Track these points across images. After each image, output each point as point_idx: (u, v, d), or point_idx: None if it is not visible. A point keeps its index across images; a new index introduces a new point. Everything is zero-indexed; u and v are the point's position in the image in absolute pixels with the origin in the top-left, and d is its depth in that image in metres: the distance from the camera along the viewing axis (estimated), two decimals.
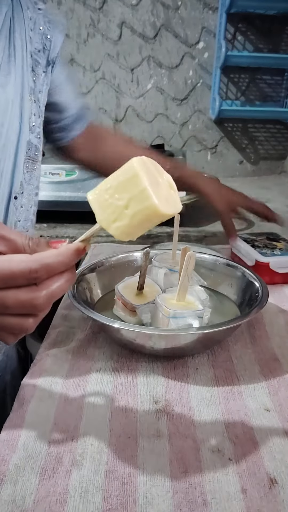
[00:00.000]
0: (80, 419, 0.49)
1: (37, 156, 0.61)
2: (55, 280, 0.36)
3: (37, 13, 0.61)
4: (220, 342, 0.62)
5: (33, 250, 0.37)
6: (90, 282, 0.70)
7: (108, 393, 0.53)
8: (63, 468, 0.42)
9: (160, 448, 0.45)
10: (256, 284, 0.67)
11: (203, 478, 0.41)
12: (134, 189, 0.36)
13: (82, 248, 0.37)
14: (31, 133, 0.59)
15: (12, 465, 0.43)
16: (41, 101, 0.62)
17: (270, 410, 0.50)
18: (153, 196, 0.36)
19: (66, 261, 0.36)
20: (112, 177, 0.38)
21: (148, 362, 0.59)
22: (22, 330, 0.37)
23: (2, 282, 0.34)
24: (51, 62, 0.63)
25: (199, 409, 0.50)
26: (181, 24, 1.53)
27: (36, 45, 0.60)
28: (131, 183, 0.36)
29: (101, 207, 0.38)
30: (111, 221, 0.37)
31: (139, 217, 0.36)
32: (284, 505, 0.39)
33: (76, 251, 0.37)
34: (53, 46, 0.63)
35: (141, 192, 0.36)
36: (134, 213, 0.36)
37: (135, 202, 0.36)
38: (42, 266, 0.35)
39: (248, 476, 0.42)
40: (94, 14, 1.51)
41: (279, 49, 1.57)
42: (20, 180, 0.59)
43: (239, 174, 1.73)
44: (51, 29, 0.62)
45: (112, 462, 0.43)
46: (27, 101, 0.58)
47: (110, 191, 0.37)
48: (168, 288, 0.66)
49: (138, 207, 0.36)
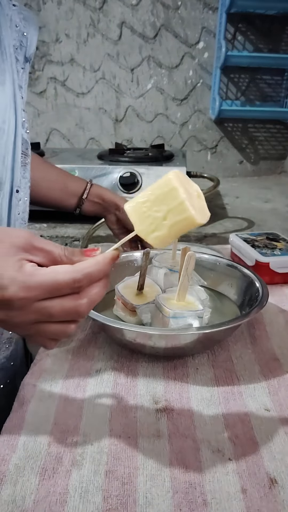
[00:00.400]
0: (80, 419, 0.49)
1: (28, 150, 0.63)
2: (94, 287, 0.39)
3: (12, 10, 0.61)
4: (220, 342, 0.62)
5: (69, 260, 0.39)
6: None
7: (108, 393, 0.53)
8: (63, 468, 0.42)
9: (160, 448, 0.45)
10: (256, 284, 0.67)
11: (203, 478, 0.41)
12: (172, 202, 0.39)
13: (116, 255, 0.40)
14: (22, 128, 0.61)
15: (12, 465, 0.43)
16: (24, 97, 0.63)
17: (270, 410, 0.50)
18: (190, 208, 0.39)
19: (104, 269, 0.39)
20: (150, 190, 0.41)
21: (148, 362, 0.59)
22: (64, 336, 0.40)
23: (49, 293, 0.37)
24: (28, 59, 0.64)
25: (199, 409, 0.50)
26: (181, 24, 1.53)
27: (13, 42, 0.60)
28: (169, 196, 0.40)
29: (139, 219, 0.41)
30: (149, 232, 0.41)
31: (177, 227, 0.40)
32: (284, 505, 0.39)
33: (112, 259, 0.39)
34: (29, 43, 0.63)
35: (179, 204, 0.39)
36: (172, 224, 0.40)
37: (173, 214, 0.40)
38: (84, 276, 0.37)
39: (248, 476, 0.42)
40: (94, 14, 1.51)
41: (279, 49, 1.57)
42: (19, 174, 0.60)
43: (239, 174, 1.73)
44: (27, 26, 0.63)
45: (112, 462, 0.43)
46: (19, 98, 0.59)
47: (148, 204, 0.40)
48: (168, 288, 0.66)
49: (177, 218, 0.40)
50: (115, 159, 1.16)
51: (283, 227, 1.11)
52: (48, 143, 1.66)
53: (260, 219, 1.18)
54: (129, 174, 1.09)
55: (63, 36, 1.52)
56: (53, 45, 1.54)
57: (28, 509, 0.38)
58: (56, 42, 1.53)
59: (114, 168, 1.10)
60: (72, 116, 1.63)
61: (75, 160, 1.18)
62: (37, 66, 1.56)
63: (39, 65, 1.56)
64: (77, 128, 1.65)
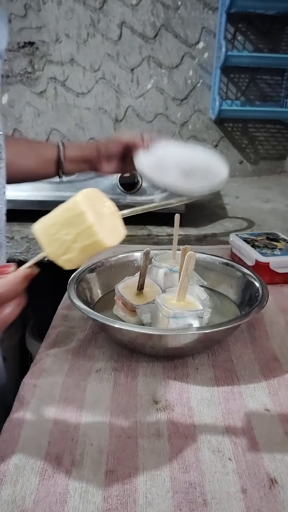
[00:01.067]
0: (80, 419, 0.49)
1: (2, 153, 0.61)
2: (6, 307, 0.38)
3: None
4: (220, 342, 0.62)
5: None
6: (90, 282, 0.70)
7: (108, 393, 0.53)
8: (63, 468, 0.42)
9: (160, 448, 0.45)
10: (256, 284, 0.67)
11: (203, 478, 0.41)
12: (81, 226, 0.38)
13: (30, 273, 0.38)
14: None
15: (12, 465, 0.43)
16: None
17: (270, 410, 0.50)
18: (98, 233, 0.38)
19: (16, 289, 0.38)
20: (58, 212, 0.40)
21: (148, 362, 0.59)
22: None
23: None
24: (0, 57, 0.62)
25: (199, 409, 0.50)
26: (181, 24, 1.53)
27: None
28: (77, 220, 0.38)
29: (48, 241, 0.40)
30: (59, 254, 0.39)
31: (87, 250, 0.39)
32: (284, 505, 0.39)
33: (25, 278, 0.38)
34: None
35: (87, 228, 0.38)
36: (82, 247, 0.39)
37: (82, 237, 0.38)
38: None
39: (248, 476, 0.42)
40: (94, 14, 1.51)
41: (279, 49, 1.57)
42: None
43: (239, 174, 1.73)
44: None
45: (112, 462, 0.43)
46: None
47: (57, 227, 0.39)
48: (168, 288, 0.66)
49: (86, 242, 0.38)
50: None
51: (283, 227, 1.11)
52: None
53: (260, 219, 1.18)
54: (129, 174, 1.09)
55: (63, 36, 1.52)
56: (53, 45, 1.54)
57: (28, 509, 0.38)
58: (56, 42, 1.53)
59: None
60: (72, 116, 1.63)
61: None
62: (37, 66, 1.56)
63: (39, 65, 1.56)
64: (77, 128, 1.65)
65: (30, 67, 1.57)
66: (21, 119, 1.63)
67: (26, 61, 1.56)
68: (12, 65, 1.56)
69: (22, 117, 1.62)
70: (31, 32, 1.52)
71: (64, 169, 0.79)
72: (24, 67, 1.57)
